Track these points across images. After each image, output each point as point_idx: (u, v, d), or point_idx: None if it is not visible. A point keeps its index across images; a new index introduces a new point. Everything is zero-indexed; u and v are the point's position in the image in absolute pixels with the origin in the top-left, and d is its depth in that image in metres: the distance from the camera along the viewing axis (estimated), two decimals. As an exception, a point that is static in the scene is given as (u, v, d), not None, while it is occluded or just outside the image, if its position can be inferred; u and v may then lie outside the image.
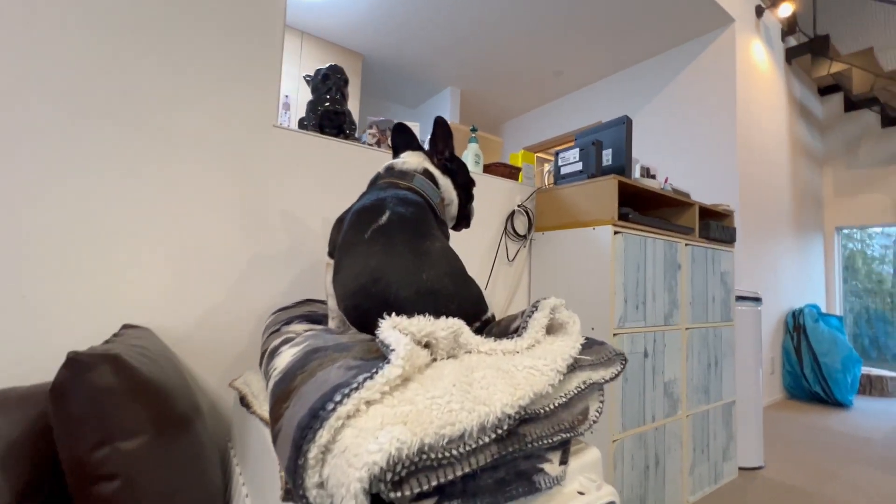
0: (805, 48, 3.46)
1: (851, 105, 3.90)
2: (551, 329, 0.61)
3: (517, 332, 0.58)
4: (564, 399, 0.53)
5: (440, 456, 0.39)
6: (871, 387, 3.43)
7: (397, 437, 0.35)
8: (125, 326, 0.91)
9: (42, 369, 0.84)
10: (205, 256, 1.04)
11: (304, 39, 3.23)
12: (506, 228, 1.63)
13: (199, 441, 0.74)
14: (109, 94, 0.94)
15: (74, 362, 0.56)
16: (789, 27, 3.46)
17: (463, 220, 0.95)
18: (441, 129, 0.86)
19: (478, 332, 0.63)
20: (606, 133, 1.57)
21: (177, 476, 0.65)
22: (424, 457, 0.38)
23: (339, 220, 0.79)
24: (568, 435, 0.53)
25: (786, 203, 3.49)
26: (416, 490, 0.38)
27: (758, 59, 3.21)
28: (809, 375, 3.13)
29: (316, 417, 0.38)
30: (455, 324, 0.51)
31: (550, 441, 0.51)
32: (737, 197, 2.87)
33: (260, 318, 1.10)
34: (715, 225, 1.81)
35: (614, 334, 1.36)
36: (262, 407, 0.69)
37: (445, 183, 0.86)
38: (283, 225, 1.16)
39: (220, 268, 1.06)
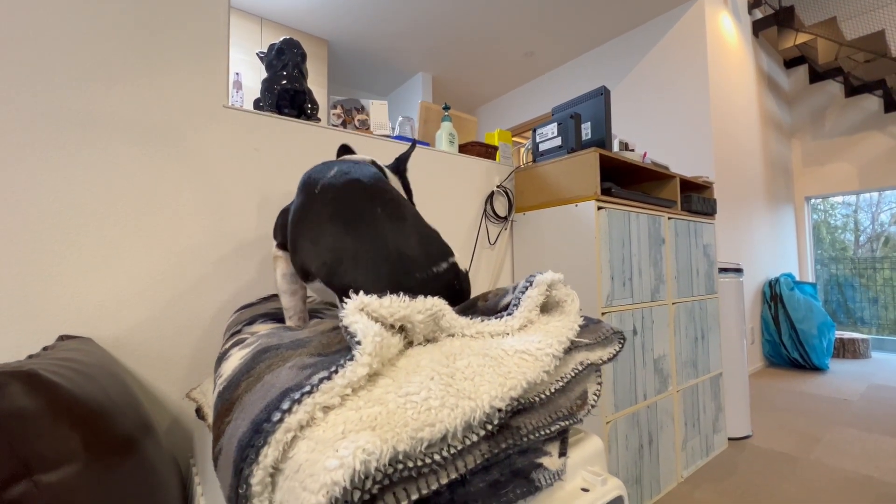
0: (771, 20, 3.48)
1: (816, 76, 3.97)
2: (546, 307, 0.54)
3: (507, 309, 0.50)
4: (561, 384, 0.47)
5: (419, 464, 0.31)
6: (844, 350, 3.55)
7: (363, 448, 0.27)
8: (61, 338, 0.80)
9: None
10: (153, 253, 0.93)
11: (263, 25, 3.06)
12: (485, 210, 1.56)
13: (148, 464, 0.65)
14: (27, 78, 0.82)
15: (-26, 383, 0.46)
16: (755, 0, 3.48)
17: None
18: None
19: (459, 305, 0.56)
20: (584, 106, 1.51)
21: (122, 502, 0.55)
22: (400, 466, 0.30)
23: (285, 211, 0.72)
24: (567, 423, 0.47)
25: (758, 175, 3.54)
26: (392, 509, 0.31)
27: (726, 32, 3.21)
28: (788, 343, 3.20)
29: (259, 432, 0.30)
30: (435, 304, 0.43)
31: (548, 431, 0.44)
32: (712, 170, 2.88)
33: (221, 318, 1.00)
34: (696, 197, 1.79)
35: (603, 313, 1.32)
36: (219, 418, 0.61)
37: (391, 175, 0.83)
38: (240, 214, 1.05)
39: (172, 265, 0.95)
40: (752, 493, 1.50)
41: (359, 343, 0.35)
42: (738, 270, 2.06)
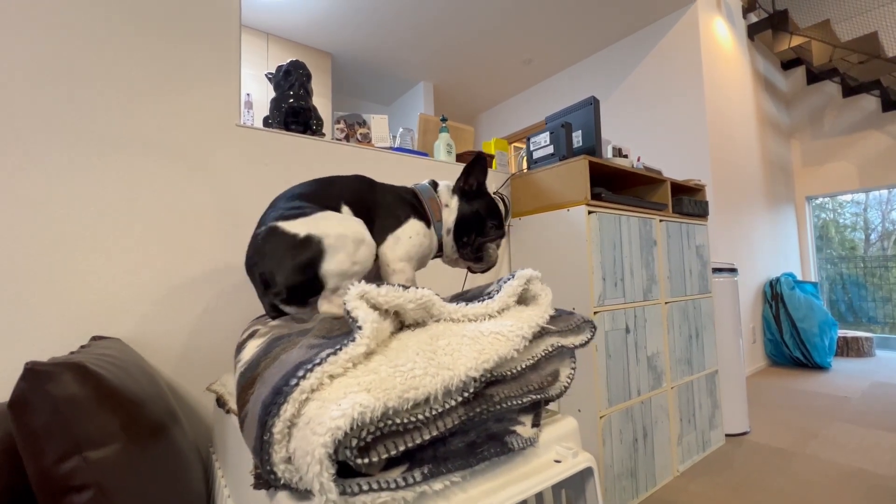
0: (766, 24, 3.54)
1: (813, 77, 4.01)
2: (525, 300, 0.61)
3: (489, 295, 0.58)
4: (532, 361, 0.54)
5: (405, 420, 0.39)
6: (847, 348, 3.56)
7: (360, 403, 0.35)
8: (94, 338, 0.89)
9: (7, 386, 0.81)
10: (174, 261, 1.02)
11: (269, 41, 3.18)
12: (482, 216, 1.63)
13: (176, 448, 0.73)
14: (59, 103, 0.91)
15: (32, 373, 0.55)
16: (749, 4, 3.54)
17: (464, 247, 0.88)
18: (476, 164, 0.90)
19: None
20: (575, 115, 1.59)
21: (153, 483, 0.63)
22: (389, 422, 0.38)
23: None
24: (538, 396, 0.54)
25: (757, 176, 3.58)
26: (384, 455, 0.38)
27: (721, 36, 3.27)
28: (789, 341, 3.22)
29: (280, 393, 0.38)
30: (425, 295, 0.51)
31: (520, 402, 0.52)
32: (709, 172, 2.93)
33: (236, 321, 1.08)
34: (687, 200, 1.85)
35: (595, 312, 1.38)
36: (238, 404, 0.68)
37: (446, 191, 0.91)
38: (252, 225, 1.14)
39: (191, 272, 1.04)
40: (746, 485, 1.55)
41: (360, 328, 0.43)
42: (733, 270, 2.11)
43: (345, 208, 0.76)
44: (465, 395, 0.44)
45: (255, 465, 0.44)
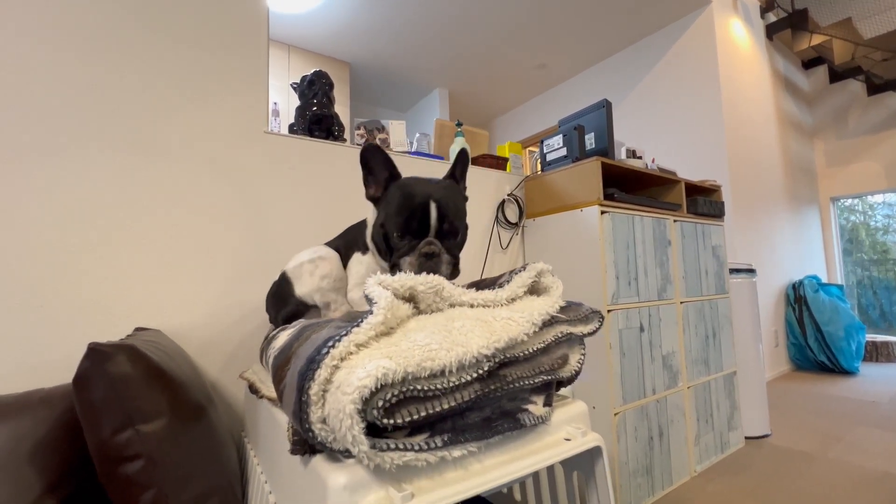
0: (785, 23, 3.50)
1: (836, 76, 3.93)
2: (537, 291, 0.65)
3: (500, 285, 0.62)
4: (542, 345, 0.58)
5: (425, 388, 0.44)
6: (877, 353, 3.45)
7: (382, 366, 0.39)
8: (137, 329, 0.96)
9: (59, 372, 0.89)
10: (208, 260, 1.09)
11: (290, 52, 3.31)
12: (497, 217, 1.67)
13: (214, 428, 0.79)
14: (102, 113, 1.00)
15: (94, 352, 0.61)
16: (767, 3, 3.51)
17: (391, 269, 0.71)
18: (365, 157, 0.77)
19: None
20: (588, 118, 1.62)
21: (195, 457, 0.69)
22: (410, 387, 0.42)
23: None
24: (549, 377, 0.58)
25: (777, 177, 3.52)
26: (407, 419, 0.43)
27: (738, 37, 3.25)
28: (814, 345, 3.14)
29: (313, 361, 0.43)
30: (435, 279, 0.55)
31: (532, 382, 0.56)
32: (727, 173, 2.91)
33: (261, 319, 1.15)
34: (702, 200, 1.85)
35: (609, 310, 1.40)
36: (270, 389, 0.74)
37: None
38: (280, 225, 1.21)
39: (223, 270, 1.11)
40: (765, 487, 1.54)
41: (376, 302, 0.48)
42: (751, 271, 2.09)
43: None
44: (479, 372, 0.48)
45: (293, 431, 0.49)
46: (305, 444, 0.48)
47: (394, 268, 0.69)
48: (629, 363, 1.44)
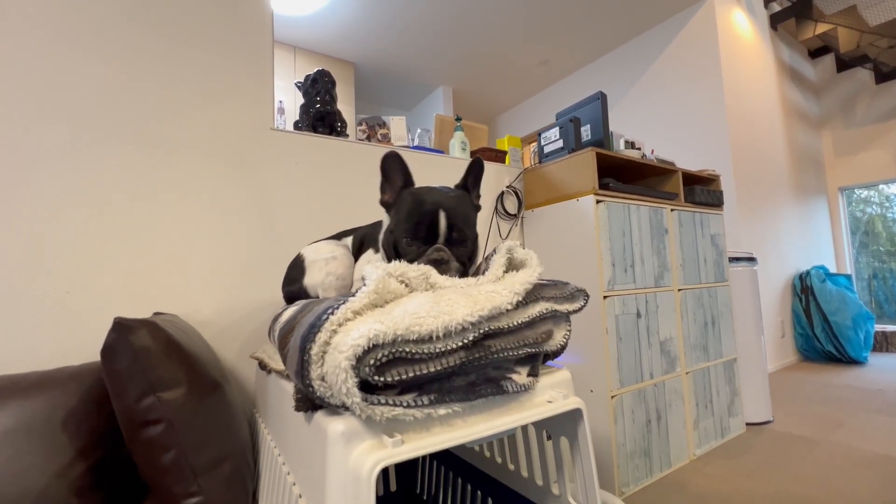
0: (789, 12, 3.48)
1: (844, 65, 3.90)
2: (515, 267, 0.70)
3: (483, 272, 0.67)
4: (527, 320, 0.63)
5: (413, 351, 0.49)
6: (887, 343, 3.42)
7: (374, 328, 0.45)
8: (155, 314, 1.03)
9: (85, 352, 0.96)
10: (219, 251, 1.16)
11: (296, 53, 3.38)
12: (496, 209, 1.72)
13: (228, 402, 0.85)
14: (121, 113, 1.07)
15: (120, 326, 0.68)
16: (770, -7, 3.49)
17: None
18: (384, 165, 0.77)
19: None
20: (584, 110, 1.66)
21: (211, 424, 0.76)
22: (399, 349, 0.48)
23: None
24: (532, 350, 0.63)
25: (783, 167, 3.51)
26: (397, 378, 0.48)
27: (740, 27, 3.25)
28: (821, 335, 3.14)
29: (314, 326, 0.48)
30: (425, 268, 0.61)
31: (516, 353, 0.60)
32: (729, 164, 2.91)
33: (272, 302, 1.21)
34: (700, 189, 1.88)
35: (605, 296, 1.44)
36: (277, 363, 0.80)
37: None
38: (287, 217, 1.27)
39: (234, 260, 1.18)
40: (763, 469, 1.56)
41: (371, 279, 0.53)
42: (751, 259, 2.11)
43: (347, 239, 0.97)
44: (465, 341, 0.53)
45: (296, 390, 0.55)
46: (308, 400, 0.53)
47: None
48: (626, 348, 1.48)
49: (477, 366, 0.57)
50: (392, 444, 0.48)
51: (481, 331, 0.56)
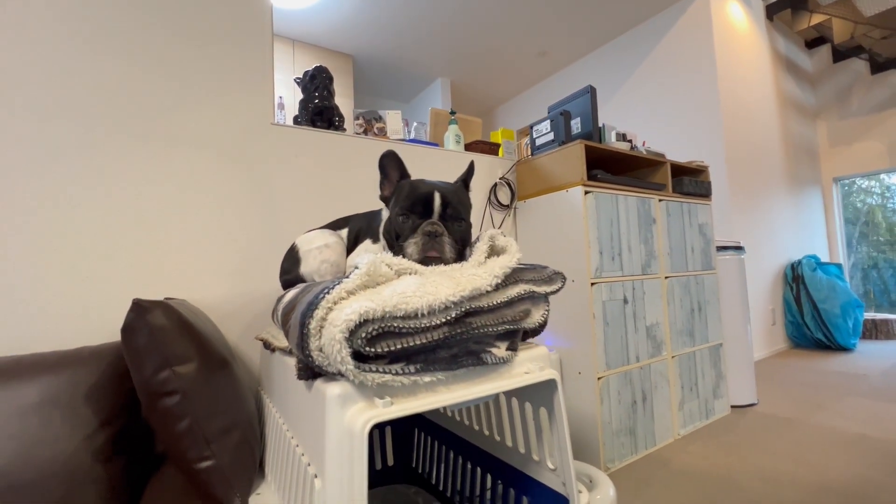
0: (785, 3, 3.49)
1: (839, 55, 3.92)
2: (497, 253, 0.76)
3: (466, 258, 0.74)
4: (506, 300, 0.69)
5: (401, 325, 0.55)
6: (876, 330, 3.49)
7: (364, 305, 0.51)
8: (166, 299, 1.10)
9: (101, 333, 1.03)
10: (223, 240, 1.22)
11: (295, 47, 3.41)
12: (489, 199, 1.78)
13: (235, 378, 0.93)
14: (130, 111, 1.13)
15: (138, 306, 0.75)
16: (766, -16, 3.50)
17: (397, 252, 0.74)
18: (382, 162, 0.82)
19: None
20: (574, 104, 1.71)
21: (221, 396, 0.83)
22: (388, 324, 0.54)
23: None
24: (511, 327, 0.69)
25: (776, 157, 3.55)
26: (386, 349, 0.55)
27: (735, 18, 3.27)
28: (810, 323, 3.21)
29: (312, 304, 0.55)
30: (412, 264, 0.67)
31: (495, 330, 0.67)
32: (723, 154, 2.96)
33: (270, 291, 1.28)
34: (688, 180, 1.93)
35: (592, 283, 1.51)
36: (281, 341, 0.87)
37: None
38: (287, 208, 1.33)
39: (237, 249, 1.24)
40: (743, 446, 1.64)
41: (363, 264, 0.60)
42: (739, 248, 2.17)
43: (343, 231, 1.00)
44: (448, 318, 0.59)
45: (298, 361, 0.62)
46: (308, 369, 0.60)
47: (400, 254, 0.71)
48: (613, 333, 1.55)
49: (459, 340, 0.64)
50: (382, 404, 0.54)
51: (463, 309, 0.62)
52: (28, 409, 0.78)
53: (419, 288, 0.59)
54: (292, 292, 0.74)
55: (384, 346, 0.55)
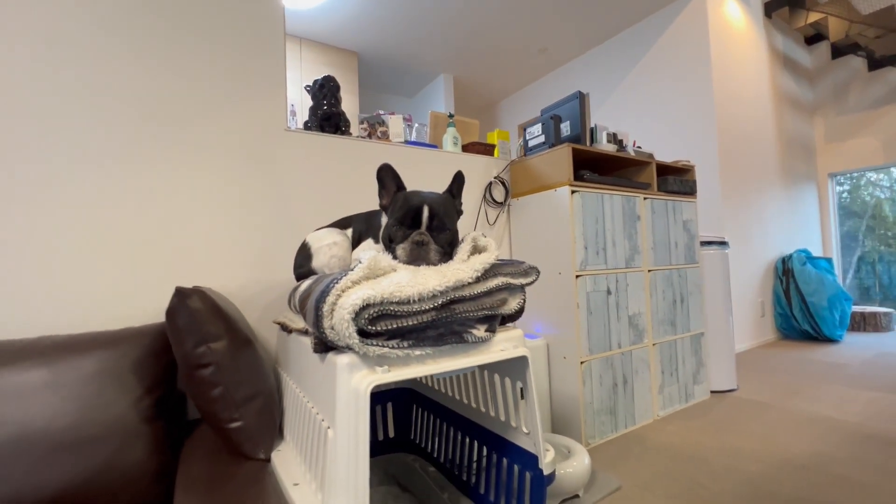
0: (782, 0, 3.54)
1: (838, 52, 3.96)
2: (479, 251, 0.90)
3: (451, 257, 0.88)
4: (486, 290, 0.83)
5: (396, 309, 0.69)
6: (864, 323, 3.60)
7: (367, 292, 0.65)
8: (194, 287, 1.25)
9: (140, 316, 1.18)
10: (243, 236, 1.37)
11: (302, 45, 3.52)
12: (484, 197, 1.91)
13: (257, 355, 1.07)
14: (160, 119, 1.27)
15: (179, 292, 0.89)
16: (765, -19, 3.55)
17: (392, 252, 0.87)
18: (379, 175, 0.94)
19: None
20: (565, 108, 1.82)
21: (246, 369, 0.98)
22: (385, 308, 0.68)
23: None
24: (490, 312, 0.83)
25: (771, 153, 3.63)
26: (384, 328, 0.69)
27: (732, 16, 3.33)
28: (798, 315, 3.32)
29: (325, 291, 0.69)
30: (397, 264, 0.81)
31: (476, 314, 0.81)
32: (716, 152, 3.05)
33: (284, 281, 1.42)
34: (673, 179, 2.05)
35: (577, 276, 1.64)
36: (297, 324, 1.02)
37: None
38: (299, 207, 1.47)
39: (255, 244, 1.39)
40: (717, 426, 1.78)
41: (364, 260, 0.74)
42: (723, 243, 2.29)
43: (348, 230, 1.13)
44: (435, 304, 0.73)
45: (314, 337, 0.76)
46: (322, 343, 0.74)
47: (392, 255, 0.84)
48: (596, 321, 1.68)
49: (445, 322, 0.78)
50: (381, 371, 0.69)
51: (448, 297, 0.76)
52: (87, 378, 0.93)
53: (412, 279, 0.73)
54: (307, 283, 0.89)
55: (383, 325, 0.69)
